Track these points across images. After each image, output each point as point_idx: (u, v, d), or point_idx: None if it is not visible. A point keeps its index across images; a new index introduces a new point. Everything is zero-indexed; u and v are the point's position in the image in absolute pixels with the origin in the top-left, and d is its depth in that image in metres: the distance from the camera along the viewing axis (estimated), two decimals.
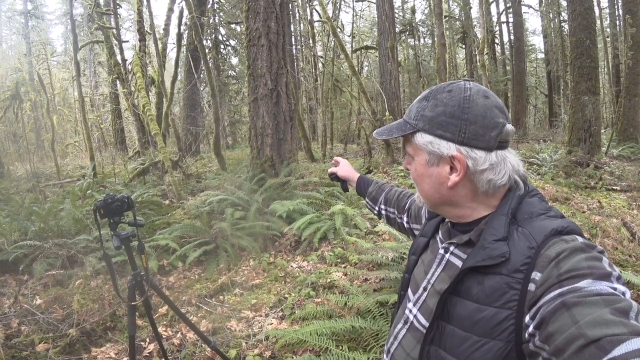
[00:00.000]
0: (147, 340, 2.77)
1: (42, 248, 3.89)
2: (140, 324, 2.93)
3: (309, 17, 14.92)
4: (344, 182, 1.50)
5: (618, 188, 6.38)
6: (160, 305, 3.22)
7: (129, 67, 12.23)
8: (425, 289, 0.86)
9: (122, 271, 3.74)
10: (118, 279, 1.80)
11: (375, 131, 0.91)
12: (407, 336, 0.87)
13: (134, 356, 1.81)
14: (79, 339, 2.70)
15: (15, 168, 11.75)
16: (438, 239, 0.91)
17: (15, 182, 8.64)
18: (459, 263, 0.80)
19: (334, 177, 1.49)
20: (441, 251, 0.86)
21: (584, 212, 5.04)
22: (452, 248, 0.83)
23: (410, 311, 0.88)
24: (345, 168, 1.49)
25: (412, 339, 0.85)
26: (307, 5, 14.84)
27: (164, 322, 3.00)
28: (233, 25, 16.64)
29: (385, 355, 0.94)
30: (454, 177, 0.77)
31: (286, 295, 3.40)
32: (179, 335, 2.82)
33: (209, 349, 2.31)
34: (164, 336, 2.76)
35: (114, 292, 3.15)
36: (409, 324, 0.87)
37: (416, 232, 1.18)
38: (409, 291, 0.93)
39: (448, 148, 0.76)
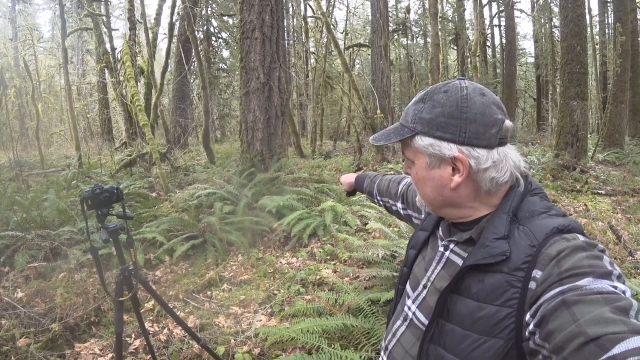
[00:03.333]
0: (133, 335, 2.71)
1: (24, 239, 3.77)
2: (125, 319, 2.86)
3: (302, 13, 14.84)
4: (352, 191, 1.57)
5: (603, 192, 6.50)
6: (146, 300, 3.16)
7: (118, 56, 12.00)
8: (425, 286, 0.85)
9: (106, 264, 3.65)
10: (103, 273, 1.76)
11: (371, 137, 0.90)
12: (406, 333, 0.86)
13: (121, 354, 1.75)
14: (61, 334, 2.62)
15: None
16: (438, 235, 0.90)
17: None
18: (459, 261, 0.79)
19: (348, 193, 1.58)
20: (441, 249, 0.85)
21: (570, 214, 5.11)
22: (452, 246, 0.83)
23: (409, 308, 0.87)
24: (347, 181, 1.55)
25: (411, 336, 0.84)
26: (302, 0, 14.75)
27: (150, 318, 2.94)
28: (225, 18, 16.43)
29: (382, 352, 0.94)
30: (457, 178, 0.76)
31: (275, 292, 3.36)
32: (165, 331, 2.76)
33: (196, 345, 2.27)
34: (150, 332, 2.71)
35: (98, 285, 3.07)
36: (408, 321, 0.87)
37: (414, 219, 1.17)
38: (408, 287, 0.92)
39: (449, 149, 0.74)
